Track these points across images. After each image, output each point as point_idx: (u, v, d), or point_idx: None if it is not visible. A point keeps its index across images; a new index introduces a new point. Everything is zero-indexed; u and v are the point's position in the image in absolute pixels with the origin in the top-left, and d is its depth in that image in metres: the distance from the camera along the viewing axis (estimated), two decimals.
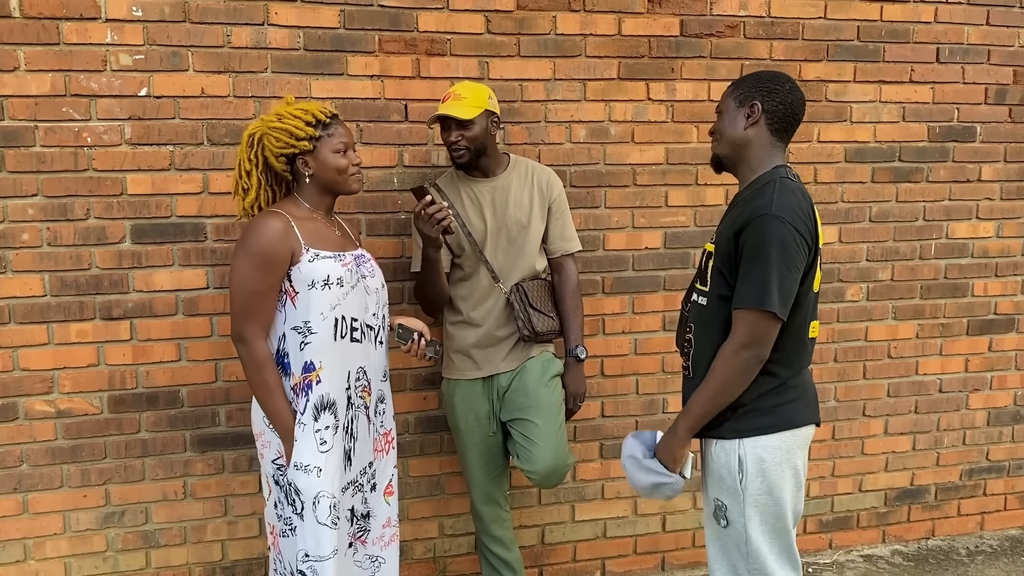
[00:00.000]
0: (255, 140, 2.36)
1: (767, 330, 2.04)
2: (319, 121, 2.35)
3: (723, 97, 2.26)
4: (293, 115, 2.34)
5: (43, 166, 2.79)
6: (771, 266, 1.99)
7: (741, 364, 2.07)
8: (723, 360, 2.09)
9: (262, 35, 2.89)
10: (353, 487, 2.45)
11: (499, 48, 3.10)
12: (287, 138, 2.32)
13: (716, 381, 2.10)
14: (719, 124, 2.24)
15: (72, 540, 2.98)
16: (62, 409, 2.91)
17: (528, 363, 2.89)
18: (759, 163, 2.18)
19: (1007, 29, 3.58)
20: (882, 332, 3.68)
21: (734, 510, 2.15)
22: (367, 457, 2.50)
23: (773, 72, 2.22)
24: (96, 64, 2.78)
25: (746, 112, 2.17)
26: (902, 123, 3.55)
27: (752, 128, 2.17)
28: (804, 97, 2.21)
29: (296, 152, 2.34)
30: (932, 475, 3.85)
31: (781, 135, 2.19)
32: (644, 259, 3.37)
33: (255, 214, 2.39)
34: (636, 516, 3.53)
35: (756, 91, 2.17)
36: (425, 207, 2.51)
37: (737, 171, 2.25)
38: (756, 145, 2.18)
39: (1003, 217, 3.72)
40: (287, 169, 2.38)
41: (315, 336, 2.30)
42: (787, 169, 2.17)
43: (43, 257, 2.83)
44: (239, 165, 2.39)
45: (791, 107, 2.17)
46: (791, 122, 2.18)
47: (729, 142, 2.21)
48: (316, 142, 2.35)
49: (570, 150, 3.24)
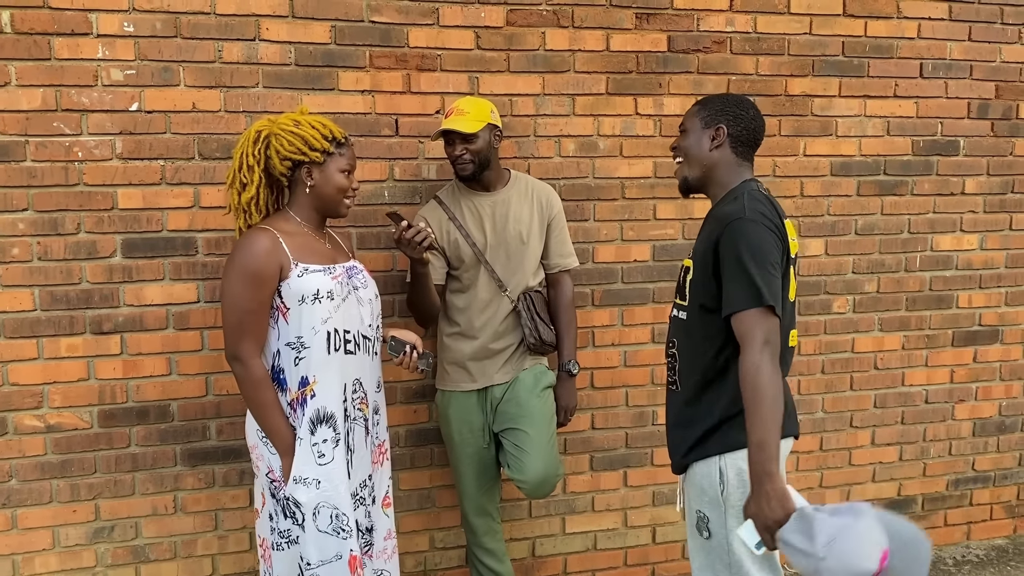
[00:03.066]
0: (261, 138, 2.36)
1: (773, 324, 2.01)
2: (335, 138, 2.39)
3: (688, 115, 2.30)
4: (312, 124, 2.37)
5: (34, 181, 2.79)
6: (754, 266, 2.01)
7: (768, 363, 1.96)
8: (750, 374, 1.96)
9: (253, 50, 2.91)
10: (356, 500, 2.45)
11: (489, 63, 3.13)
12: (301, 144, 2.33)
13: (754, 399, 1.94)
14: (684, 143, 2.29)
15: (61, 555, 2.97)
16: (52, 424, 2.90)
17: (521, 375, 2.91)
18: (727, 180, 2.24)
19: (989, 45, 3.63)
20: (868, 344, 3.71)
21: (716, 521, 2.17)
22: (366, 469, 2.50)
23: (739, 97, 2.29)
24: (87, 79, 2.79)
25: (711, 134, 2.23)
26: (887, 137, 3.59)
27: (717, 150, 2.23)
28: (764, 122, 2.28)
29: (304, 160, 2.35)
30: (919, 485, 3.88)
31: (745, 155, 2.25)
32: (633, 271, 3.40)
33: (250, 210, 2.39)
34: (626, 528, 3.54)
35: (722, 115, 2.22)
36: (403, 231, 2.52)
37: (707, 190, 2.29)
38: (722, 165, 2.24)
39: (986, 229, 3.77)
40: (287, 175, 2.39)
41: (308, 351, 2.31)
42: (756, 183, 2.22)
43: (33, 271, 2.83)
44: (240, 158, 2.38)
45: (754, 133, 2.24)
46: (753, 145, 2.27)
47: (696, 162, 2.26)
48: (327, 156, 2.37)
49: (559, 164, 3.26)
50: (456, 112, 2.76)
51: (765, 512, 1.90)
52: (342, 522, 2.31)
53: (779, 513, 1.88)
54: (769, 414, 1.93)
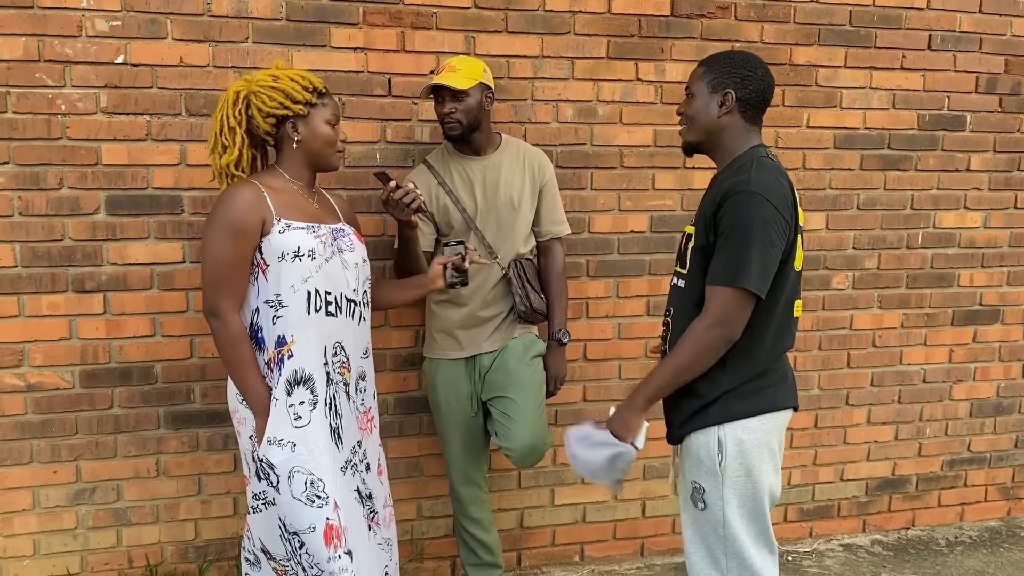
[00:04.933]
0: (240, 98, 2.30)
1: (741, 309, 2.00)
2: (316, 89, 2.33)
3: (693, 78, 2.20)
4: (290, 78, 2.30)
5: (15, 133, 2.71)
6: (750, 243, 1.96)
7: (710, 341, 2.02)
8: (693, 336, 2.04)
9: (243, 4, 2.82)
10: (350, 467, 2.40)
11: (486, 23, 3.05)
12: (282, 98, 2.27)
13: (682, 356, 2.06)
14: (690, 108, 2.19)
15: (41, 516, 2.93)
16: (32, 383, 2.85)
17: (511, 343, 2.86)
18: (735, 146, 2.16)
19: (999, 18, 3.55)
20: (867, 321, 3.65)
21: (712, 493, 2.12)
22: (354, 436, 2.45)
23: (745, 55, 2.17)
24: (71, 29, 2.71)
25: (719, 99, 2.13)
26: (892, 110, 3.51)
27: (726, 116, 2.14)
28: (774, 79, 2.18)
29: (288, 115, 2.29)
30: (914, 465, 3.84)
31: (754, 120, 2.17)
32: (630, 242, 3.33)
33: (232, 173, 2.33)
34: (616, 501, 3.51)
35: (730, 78, 2.12)
36: (391, 192, 2.46)
37: (713, 154, 2.22)
38: (730, 131, 2.15)
39: (991, 208, 3.70)
40: (271, 132, 2.32)
41: (286, 310, 2.25)
42: (764, 149, 2.14)
43: (14, 227, 2.76)
44: (220, 120, 2.31)
45: (763, 94, 2.15)
46: (762, 107, 2.17)
47: (702, 128, 2.17)
48: (311, 108, 2.31)
49: (557, 130, 3.19)
50: (447, 68, 2.68)
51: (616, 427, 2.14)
52: (317, 489, 2.25)
53: (622, 429, 2.14)
54: (684, 373, 2.07)
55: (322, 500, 2.24)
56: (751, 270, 1.96)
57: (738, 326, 2.01)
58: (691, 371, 2.07)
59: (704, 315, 2.03)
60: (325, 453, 2.28)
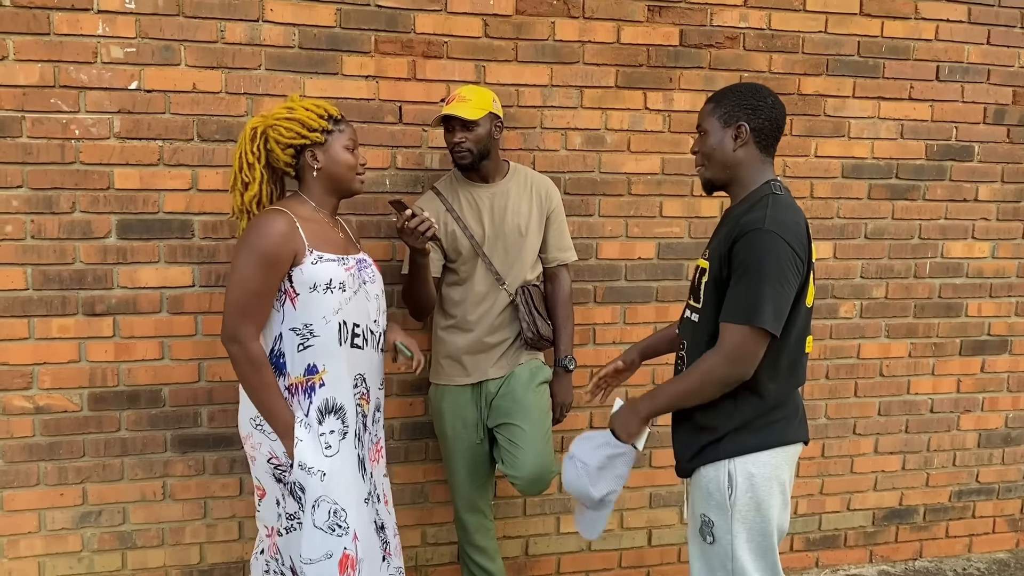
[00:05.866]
0: (258, 134, 2.33)
1: (755, 347, 2.00)
2: (331, 116, 2.36)
3: (704, 115, 2.20)
4: (305, 108, 2.34)
5: (29, 157, 2.74)
6: (764, 281, 1.96)
7: (720, 377, 2.04)
8: (705, 367, 2.06)
9: (256, 31, 2.86)
10: (372, 497, 2.41)
11: (496, 52, 3.07)
12: (299, 128, 2.30)
13: (690, 383, 2.09)
14: (705, 146, 2.19)
15: (47, 539, 2.93)
16: (41, 405, 2.86)
17: (517, 369, 2.86)
18: (751, 180, 2.16)
19: (1007, 49, 3.56)
20: (874, 350, 3.65)
21: (721, 526, 2.11)
22: (370, 466, 2.46)
23: (753, 86, 2.18)
24: (87, 56, 2.74)
25: (733, 133, 2.13)
26: (900, 140, 3.52)
27: (742, 149, 2.14)
28: (784, 107, 2.18)
29: (306, 144, 2.32)
30: (921, 495, 3.82)
31: (768, 150, 2.17)
32: (637, 269, 3.34)
33: (253, 210, 2.35)
34: (622, 530, 3.49)
35: (741, 110, 2.12)
36: (406, 220, 2.47)
37: (729, 189, 2.22)
38: (747, 164, 2.15)
39: (999, 238, 3.70)
40: (292, 163, 2.34)
41: (317, 340, 2.26)
42: (777, 183, 2.14)
43: (26, 250, 2.78)
44: (240, 158, 2.34)
45: (776, 121, 2.14)
46: (777, 136, 2.17)
47: (720, 165, 2.17)
48: (328, 136, 2.34)
49: (565, 157, 3.20)
50: (458, 99, 2.70)
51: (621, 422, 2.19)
52: (339, 518, 2.26)
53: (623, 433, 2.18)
54: (688, 398, 2.11)
55: (342, 529, 2.26)
56: (766, 309, 1.95)
57: (750, 365, 2.01)
58: (695, 398, 2.10)
59: (718, 349, 2.03)
60: (352, 483, 2.29)
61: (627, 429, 2.18)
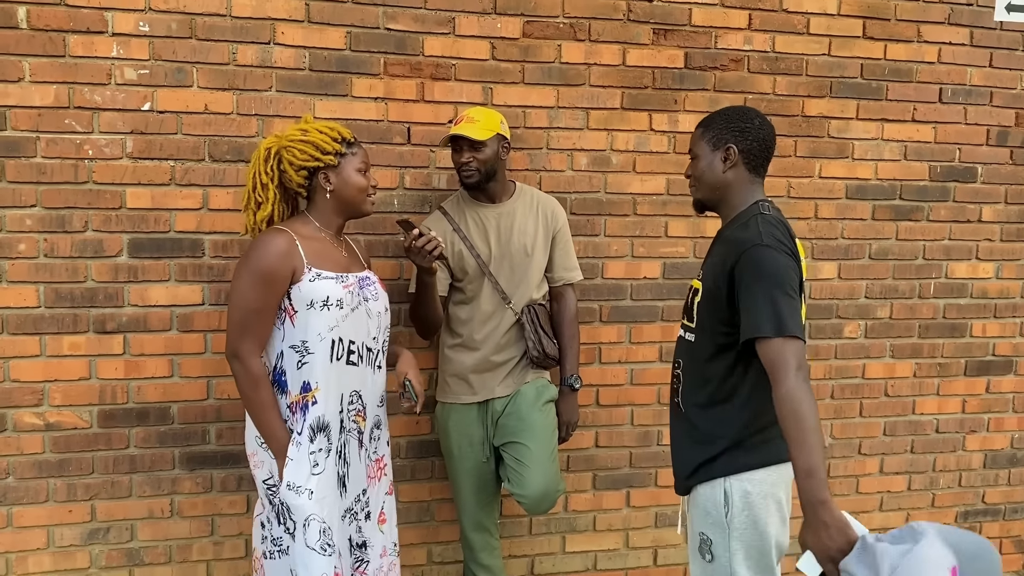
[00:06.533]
0: (272, 154, 2.36)
1: (801, 350, 1.94)
2: (344, 139, 2.39)
3: (694, 139, 2.24)
4: (319, 130, 2.37)
5: (43, 177, 2.78)
6: (777, 294, 1.96)
7: (805, 389, 1.89)
8: (788, 400, 1.89)
9: (268, 54, 2.90)
10: (349, 515, 2.41)
11: (503, 74, 3.11)
12: (312, 150, 2.33)
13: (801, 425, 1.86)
14: (696, 169, 2.23)
15: (55, 556, 2.94)
16: (51, 422, 2.88)
17: (523, 388, 2.88)
18: (740, 201, 2.19)
19: (1009, 72, 3.59)
20: (879, 370, 3.65)
21: (719, 544, 2.13)
22: (361, 484, 2.46)
23: (740, 109, 2.22)
24: (101, 77, 2.79)
25: (722, 156, 2.17)
26: (904, 161, 3.55)
27: (731, 171, 2.17)
28: (774, 128, 2.21)
29: (319, 166, 2.34)
30: (927, 516, 3.81)
31: (758, 171, 2.20)
32: (642, 289, 3.36)
33: (264, 230, 2.38)
34: (627, 549, 3.49)
35: (729, 132, 2.16)
36: (413, 240, 2.50)
37: (719, 210, 2.25)
38: (736, 186, 2.18)
39: (1003, 258, 3.72)
40: (304, 184, 2.37)
41: (312, 356, 2.29)
42: (766, 204, 2.17)
43: (39, 268, 2.82)
44: (253, 178, 2.37)
45: (764, 142, 2.17)
46: (766, 157, 2.20)
47: (709, 186, 2.21)
48: (341, 158, 2.37)
49: (571, 178, 3.24)
50: (466, 119, 2.74)
51: (825, 542, 1.78)
52: (328, 537, 2.27)
53: (841, 542, 1.77)
54: (814, 440, 1.85)
55: (331, 549, 2.28)
56: (788, 318, 1.93)
57: (807, 365, 2.00)
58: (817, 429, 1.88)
59: (782, 371, 1.91)
60: (334, 502, 2.30)
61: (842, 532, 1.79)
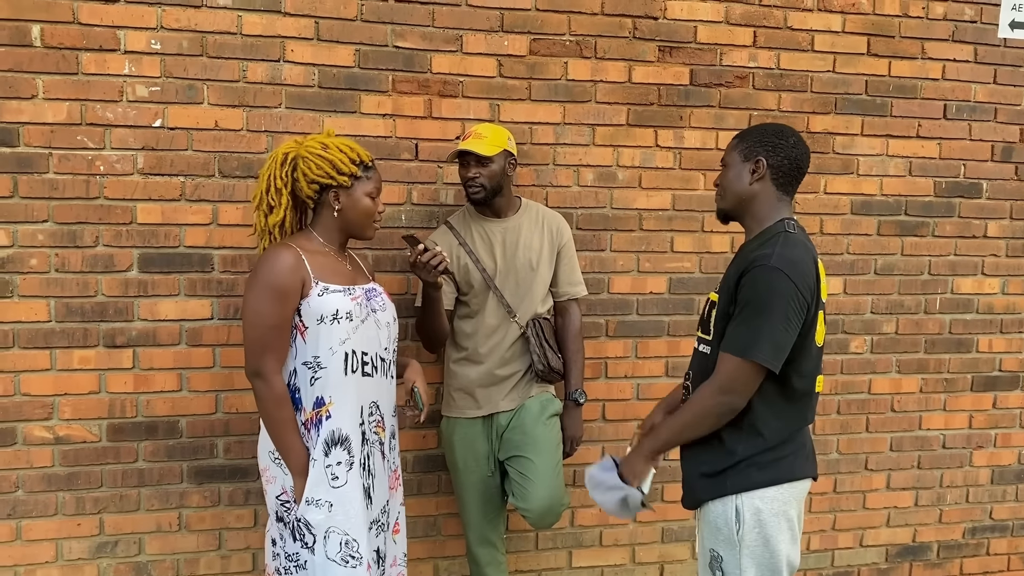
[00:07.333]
0: (289, 159, 2.36)
1: (748, 380, 2.03)
2: (362, 162, 2.39)
3: (728, 149, 2.26)
4: (340, 148, 2.37)
5: (55, 193, 2.81)
6: (766, 317, 1.99)
7: (714, 407, 2.08)
8: (699, 398, 2.12)
9: (278, 71, 2.94)
10: (376, 527, 2.42)
11: (510, 91, 3.14)
12: (329, 168, 2.33)
13: (687, 416, 2.14)
14: (724, 178, 2.25)
15: (64, 569, 2.95)
16: (60, 436, 2.90)
17: (527, 402, 2.89)
18: (765, 216, 2.19)
19: (1014, 88, 3.61)
20: (885, 385, 3.66)
21: (730, 561, 2.13)
22: (384, 495, 2.47)
23: (778, 126, 2.23)
24: (113, 95, 2.82)
25: (751, 167, 2.18)
26: (909, 177, 3.56)
27: (758, 183, 2.18)
28: (808, 150, 2.22)
29: (332, 184, 2.35)
30: (934, 532, 3.80)
31: (786, 188, 2.19)
32: (648, 304, 3.38)
33: (275, 234, 2.39)
34: (634, 564, 3.49)
35: (761, 146, 2.17)
36: (419, 255, 2.52)
37: (743, 222, 2.25)
38: (761, 199, 2.18)
39: (1008, 274, 3.72)
40: (313, 197, 2.39)
41: (325, 371, 2.30)
42: (791, 222, 2.17)
43: (50, 283, 2.84)
44: (269, 181, 2.37)
45: (795, 161, 2.17)
46: (796, 176, 2.19)
47: (735, 196, 2.22)
48: (355, 180, 2.37)
49: (577, 193, 3.26)
50: (474, 135, 2.77)
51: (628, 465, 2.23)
52: (352, 549, 2.27)
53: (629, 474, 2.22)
54: (686, 431, 2.15)
55: (356, 560, 2.26)
56: (763, 344, 1.99)
57: (742, 397, 2.05)
58: (693, 430, 2.15)
59: (712, 380, 2.08)
60: (361, 513, 2.30)
61: (633, 471, 2.22)
